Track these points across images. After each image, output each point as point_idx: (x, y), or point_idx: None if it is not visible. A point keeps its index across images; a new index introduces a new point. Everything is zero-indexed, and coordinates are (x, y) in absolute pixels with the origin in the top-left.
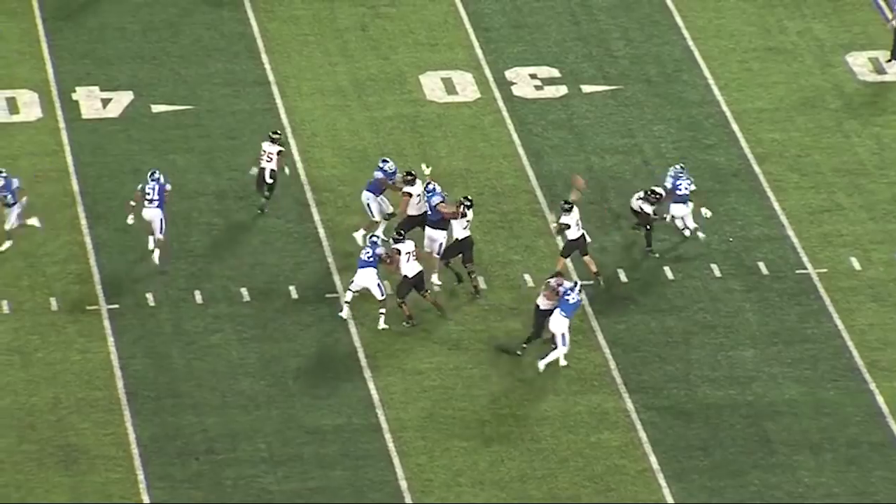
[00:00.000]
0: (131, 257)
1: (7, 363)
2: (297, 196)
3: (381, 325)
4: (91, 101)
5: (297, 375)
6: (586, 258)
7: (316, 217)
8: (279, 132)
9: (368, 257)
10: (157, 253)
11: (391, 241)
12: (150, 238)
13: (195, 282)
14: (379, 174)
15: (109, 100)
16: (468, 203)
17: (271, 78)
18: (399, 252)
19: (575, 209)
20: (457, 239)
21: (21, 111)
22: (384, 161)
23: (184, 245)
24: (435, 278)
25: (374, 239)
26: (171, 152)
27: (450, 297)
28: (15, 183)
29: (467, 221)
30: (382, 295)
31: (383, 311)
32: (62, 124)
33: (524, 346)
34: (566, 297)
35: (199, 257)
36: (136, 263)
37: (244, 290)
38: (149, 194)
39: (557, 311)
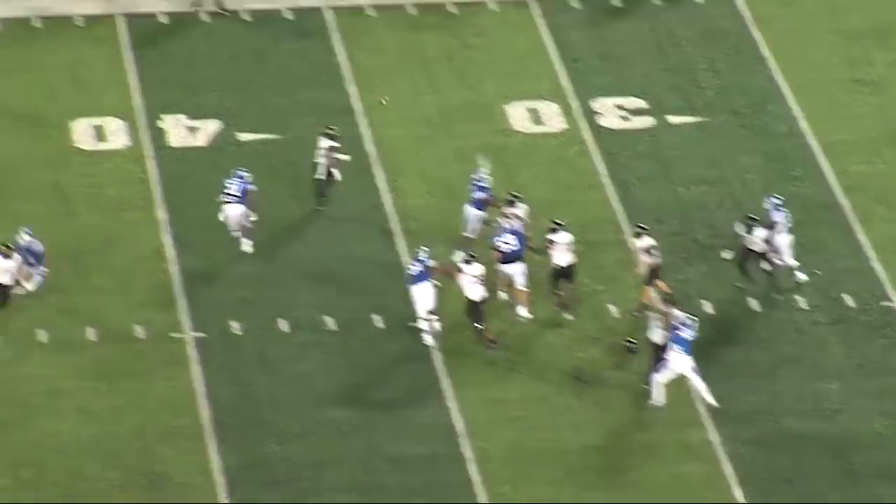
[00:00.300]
0: (217, 285)
1: (92, 390)
2: (383, 225)
3: (429, 341)
4: (178, 130)
5: (381, 404)
6: (659, 282)
7: (401, 246)
8: (334, 127)
9: (419, 272)
10: (244, 241)
11: (461, 260)
12: (239, 239)
13: (280, 310)
14: (480, 193)
15: (196, 128)
16: (555, 226)
17: (357, 107)
18: (459, 269)
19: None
20: (559, 266)
21: (108, 139)
22: (479, 178)
23: (269, 273)
24: (523, 311)
25: (422, 253)
26: (258, 181)
27: (537, 328)
28: (39, 247)
29: (567, 245)
30: (433, 311)
31: (431, 320)
32: (149, 152)
33: (645, 384)
34: (678, 331)
35: (284, 285)
36: (221, 292)
37: (329, 319)
38: (228, 189)
39: (674, 347)
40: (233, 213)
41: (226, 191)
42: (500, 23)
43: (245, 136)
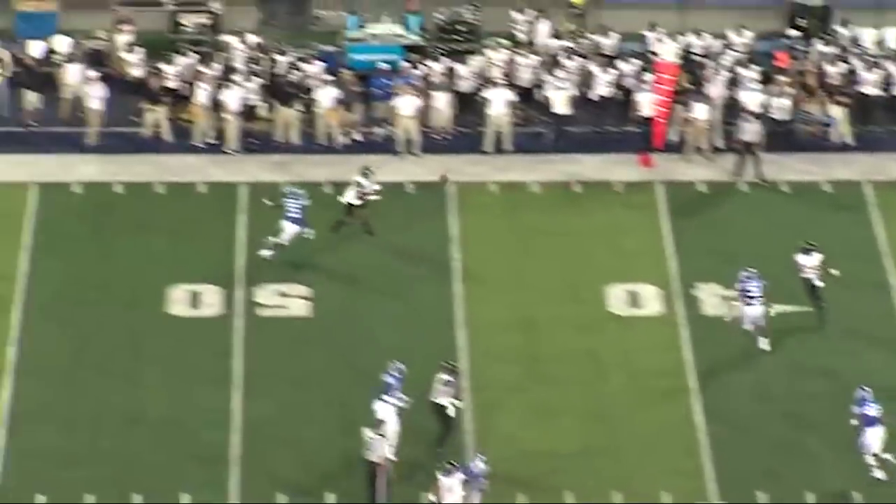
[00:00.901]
0: (745, 453)
1: None
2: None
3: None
4: (713, 299)
5: None
6: None
7: None
8: (814, 243)
9: (868, 415)
10: (762, 340)
11: None
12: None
13: (808, 482)
14: None
15: (732, 298)
16: None
17: (892, 281)
18: None
19: None
20: None
21: (642, 305)
22: None
23: (797, 443)
24: None
25: (867, 395)
26: (779, 352)
27: None
28: (482, 468)
29: None
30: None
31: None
32: (683, 320)
33: None
34: None
35: (813, 456)
36: (749, 460)
37: (857, 494)
38: (749, 291)
39: None
40: (752, 313)
41: (747, 293)
42: None
43: (778, 308)
